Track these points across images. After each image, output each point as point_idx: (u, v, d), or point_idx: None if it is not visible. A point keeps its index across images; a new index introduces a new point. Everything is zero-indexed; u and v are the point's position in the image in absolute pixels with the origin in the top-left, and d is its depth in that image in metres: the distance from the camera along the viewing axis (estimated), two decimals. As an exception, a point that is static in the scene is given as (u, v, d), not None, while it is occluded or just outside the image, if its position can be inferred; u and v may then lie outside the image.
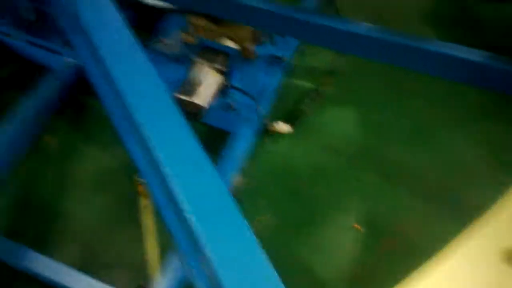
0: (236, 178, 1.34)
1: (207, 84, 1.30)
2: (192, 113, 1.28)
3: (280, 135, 1.48)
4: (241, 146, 1.35)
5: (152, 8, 1.63)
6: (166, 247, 1.09)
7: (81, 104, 1.50)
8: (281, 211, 1.28)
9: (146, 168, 0.72)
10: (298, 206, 1.29)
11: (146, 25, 1.71)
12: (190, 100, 1.24)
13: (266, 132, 1.47)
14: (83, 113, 1.49)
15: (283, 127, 1.49)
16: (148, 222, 1.10)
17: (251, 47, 1.58)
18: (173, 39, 1.62)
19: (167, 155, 0.63)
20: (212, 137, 1.46)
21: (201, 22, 1.52)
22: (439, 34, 1.89)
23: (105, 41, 0.78)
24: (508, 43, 1.87)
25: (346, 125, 1.53)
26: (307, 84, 1.64)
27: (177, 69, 1.51)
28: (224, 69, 1.36)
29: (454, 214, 1.29)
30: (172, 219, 0.66)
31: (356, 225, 1.23)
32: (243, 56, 1.54)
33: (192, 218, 0.57)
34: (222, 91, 1.41)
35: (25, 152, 1.29)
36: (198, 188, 0.60)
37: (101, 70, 0.76)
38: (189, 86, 1.27)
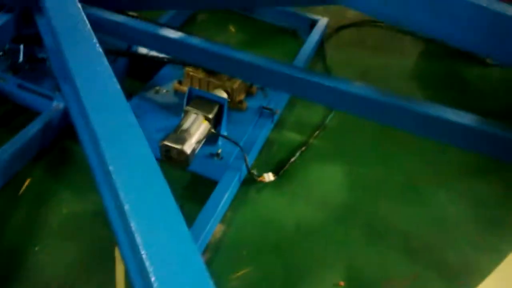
0: (217, 228, 1.30)
1: (196, 132, 1.30)
2: (179, 160, 1.26)
3: (265, 185, 1.46)
4: (225, 196, 1.32)
5: (150, 58, 1.68)
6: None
7: (64, 149, 1.49)
8: (263, 265, 1.23)
9: (115, 219, 0.70)
10: (281, 260, 1.24)
11: (142, 74, 1.76)
12: (178, 147, 1.23)
13: (251, 182, 1.45)
14: (65, 157, 1.47)
15: (268, 176, 1.47)
16: (121, 274, 1.05)
17: (243, 98, 1.62)
18: (166, 88, 1.65)
19: (134, 208, 0.61)
20: (198, 185, 1.44)
21: (198, 73, 1.57)
22: (425, 95, 1.95)
23: (89, 90, 0.78)
24: (493, 106, 1.93)
25: (333, 179, 1.52)
26: (296, 136, 1.65)
27: (169, 117, 1.53)
28: (213, 118, 1.37)
29: (442, 274, 1.25)
30: (135, 272, 0.64)
31: (341, 283, 1.18)
32: (234, 106, 1.57)
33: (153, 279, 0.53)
34: (210, 140, 1.41)
35: None
36: (163, 249, 0.57)
37: (83, 117, 0.76)
38: (178, 134, 1.27)
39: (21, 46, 1.57)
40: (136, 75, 1.79)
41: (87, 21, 0.91)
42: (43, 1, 0.93)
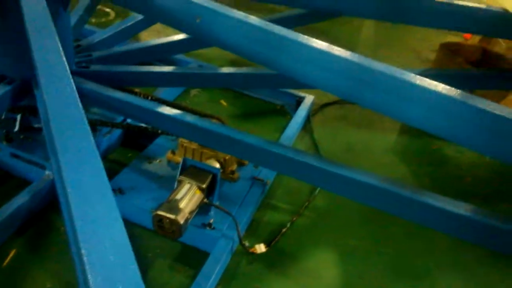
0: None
1: (189, 202, 1.31)
2: (171, 230, 1.25)
3: (257, 257, 1.44)
4: (216, 268, 1.29)
5: (144, 129, 1.72)
6: None
7: (51, 220, 1.46)
8: None
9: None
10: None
11: (137, 144, 1.79)
12: (171, 217, 1.23)
13: (243, 253, 1.43)
14: (52, 229, 1.43)
15: (260, 247, 1.46)
16: None
17: (235, 168, 1.65)
18: (160, 158, 1.68)
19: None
20: (189, 255, 1.41)
21: (191, 144, 1.61)
22: (409, 170, 2.03)
23: (70, 166, 0.79)
24: (472, 181, 2.01)
25: (324, 250, 1.52)
26: (287, 206, 1.67)
27: (161, 187, 1.54)
28: (205, 187, 1.39)
29: None
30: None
31: None
32: (226, 177, 1.60)
33: None
34: (202, 209, 1.41)
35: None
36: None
37: (63, 193, 0.77)
38: (171, 203, 1.28)
39: (18, 116, 1.61)
40: (131, 145, 1.83)
41: (78, 99, 0.95)
42: (38, 76, 0.98)
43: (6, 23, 1.44)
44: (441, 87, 0.96)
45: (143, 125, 1.71)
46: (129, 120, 1.76)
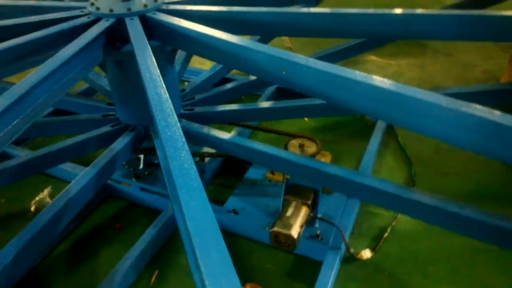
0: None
1: (298, 217, 1.48)
2: (287, 244, 1.43)
3: (364, 262, 1.57)
4: (331, 275, 1.45)
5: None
6: None
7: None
8: None
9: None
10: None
11: (236, 170, 2.02)
12: (286, 233, 1.41)
13: (350, 260, 1.57)
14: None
15: (365, 253, 1.59)
16: None
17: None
18: (261, 179, 1.88)
19: None
20: (302, 265, 1.58)
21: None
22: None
23: (182, 192, 0.95)
24: None
25: (428, 250, 1.60)
26: (384, 212, 1.77)
27: (268, 204, 1.73)
28: (309, 201, 1.55)
29: None
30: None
31: None
32: (324, 191, 1.75)
33: None
34: (309, 222, 1.58)
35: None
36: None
37: (181, 219, 0.93)
38: (284, 221, 1.46)
39: (142, 156, 1.91)
40: (231, 170, 2.06)
41: (185, 143, 1.09)
42: (156, 125, 1.20)
43: (128, 82, 1.74)
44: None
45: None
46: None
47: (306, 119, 2.45)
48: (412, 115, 1.13)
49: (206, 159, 1.97)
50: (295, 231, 1.43)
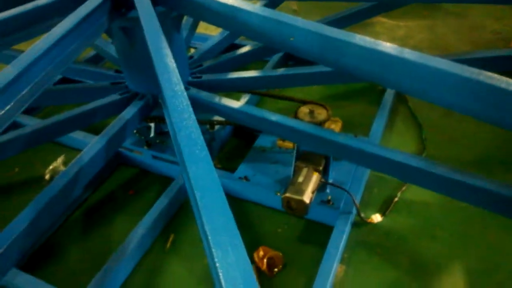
0: (340, 269, 1.45)
1: (310, 183, 1.49)
2: (298, 209, 1.45)
3: (374, 226, 1.60)
4: (342, 238, 1.48)
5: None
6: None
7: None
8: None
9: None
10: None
11: (246, 135, 2.02)
12: (298, 198, 1.42)
13: (361, 224, 1.60)
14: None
15: (376, 217, 1.61)
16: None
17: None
18: (271, 146, 1.88)
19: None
20: (312, 229, 1.61)
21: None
22: None
23: (188, 159, 0.97)
24: None
25: (438, 213, 1.62)
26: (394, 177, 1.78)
27: (278, 171, 1.75)
28: (321, 168, 1.56)
29: None
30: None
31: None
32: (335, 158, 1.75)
33: None
34: (321, 188, 1.59)
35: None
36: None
37: (188, 183, 0.96)
38: (296, 186, 1.47)
39: (152, 124, 1.91)
40: (241, 137, 2.06)
41: (192, 111, 1.10)
42: (162, 92, 1.19)
43: (135, 50, 1.72)
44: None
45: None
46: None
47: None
48: (419, 83, 1.12)
49: (216, 127, 1.97)
50: (307, 197, 1.44)
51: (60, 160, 1.91)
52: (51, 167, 1.87)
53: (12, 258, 1.21)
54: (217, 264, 0.75)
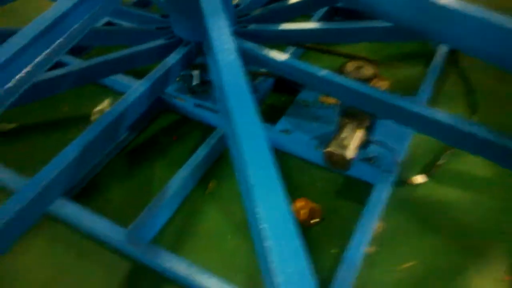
0: (379, 226, 1.46)
1: (354, 139, 1.47)
2: (340, 165, 1.45)
3: (416, 187, 1.58)
4: (383, 196, 1.47)
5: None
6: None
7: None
8: (426, 260, 1.35)
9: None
10: (443, 256, 1.35)
11: (288, 89, 2.00)
12: (341, 153, 1.41)
13: (403, 184, 1.58)
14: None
15: (419, 178, 1.59)
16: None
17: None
18: (313, 100, 1.86)
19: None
20: (351, 186, 1.61)
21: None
22: None
23: (235, 109, 0.97)
24: None
25: (483, 178, 1.58)
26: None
27: (320, 126, 1.73)
28: (365, 124, 1.53)
29: None
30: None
31: (506, 277, 1.25)
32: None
33: None
34: (364, 145, 1.57)
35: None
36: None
37: (231, 132, 0.96)
38: (339, 141, 1.45)
39: (195, 72, 1.91)
40: (282, 90, 2.04)
41: (239, 61, 1.09)
42: (209, 39, 1.17)
43: (182, -6, 1.69)
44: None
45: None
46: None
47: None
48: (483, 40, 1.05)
49: (258, 78, 1.95)
50: (349, 152, 1.43)
51: (106, 102, 1.96)
52: (97, 108, 1.92)
53: (59, 188, 1.28)
54: (257, 206, 0.77)
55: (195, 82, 1.93)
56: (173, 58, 1.71)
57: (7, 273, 1.40)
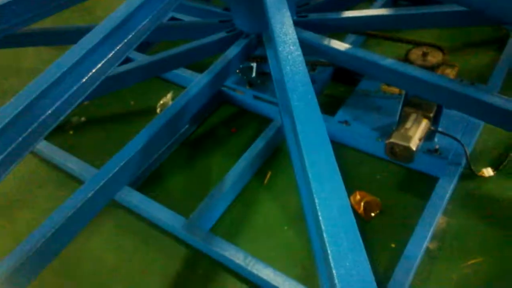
0: (441, 219, 1.39)
1: (418, 130, 1.41)
2: (403, 156, 1.39)
3: (485, 180, 1.48)
4: (448, 190, 1.40)
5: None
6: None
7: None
8: (493, 257, 1.27)
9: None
10: (511, 253, 1.27)
11: (346, 79, 1.96)
12: (404, 144, 1.36)
13: (470, 177, 1.49)
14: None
15: (487, 171, 1.49)
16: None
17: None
18: (375, 90, 1.80)
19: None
20: (415, 178, 1.55)
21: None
22: None
23: (294, 101, 0.97)
24: None
25: None
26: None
27: (381, 117, 1.68)
28: (430, 114, 1.46)
29: None
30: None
31: None
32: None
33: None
34: (429, 136, 1.50)
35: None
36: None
37: (290, 124, 0.94)
38: (402, 132, 1.40)
39: (254, 64, 1.93)
40: (341, 80, 2.00)
41: (300, 53, 1.09)
42: (270, 31, 1.16)
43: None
44: None
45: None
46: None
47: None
48: None
49: (317, 68, 1.92)
50: (413, 144, 1.37)
51: (169, 95, 2.04)
52: (161, 101, 2.01)
53: (125, 178, 1.37)
54: (315, 196, 0.77)
55: (253, 74, 1.95)
56: (233, 51, 1.75)
57: (77, 254, 1.52)
